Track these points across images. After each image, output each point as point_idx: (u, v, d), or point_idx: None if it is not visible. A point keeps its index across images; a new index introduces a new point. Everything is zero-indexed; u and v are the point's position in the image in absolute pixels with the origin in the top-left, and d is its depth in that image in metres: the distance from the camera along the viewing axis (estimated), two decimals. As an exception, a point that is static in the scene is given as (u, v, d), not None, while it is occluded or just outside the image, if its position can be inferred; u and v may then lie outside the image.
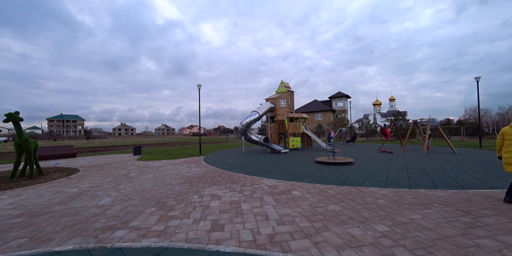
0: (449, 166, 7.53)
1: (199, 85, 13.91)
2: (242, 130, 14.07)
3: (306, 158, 10.35)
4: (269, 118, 16.01)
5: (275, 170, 7.46)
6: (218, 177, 6.47)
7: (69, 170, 8.45)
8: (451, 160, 8.97)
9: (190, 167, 8.57)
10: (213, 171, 7.64)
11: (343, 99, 46.31)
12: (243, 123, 13.84)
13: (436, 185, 4.98)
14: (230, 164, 9.09)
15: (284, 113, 15.39)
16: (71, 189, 5.39)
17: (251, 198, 4.33)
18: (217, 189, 5.07)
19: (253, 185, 5.35)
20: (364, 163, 8.55)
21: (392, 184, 5.15)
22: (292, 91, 16.94)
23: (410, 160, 9.21)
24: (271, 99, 16.02)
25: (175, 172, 7.57)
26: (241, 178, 6.25)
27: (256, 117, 13.91)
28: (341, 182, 5.41)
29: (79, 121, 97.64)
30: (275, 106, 15.52)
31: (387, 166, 7.78)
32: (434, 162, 8.42)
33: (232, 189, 5.03)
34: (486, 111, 61.16)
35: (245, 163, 9.39)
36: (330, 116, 44.16)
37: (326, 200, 4.08)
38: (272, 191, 4.80)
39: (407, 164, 8.16)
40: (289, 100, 16.26)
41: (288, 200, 4.11)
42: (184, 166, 8.87)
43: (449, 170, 6.79)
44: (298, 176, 6.29)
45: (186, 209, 3.79)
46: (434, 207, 3.54)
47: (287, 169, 7.60)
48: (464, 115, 64.54)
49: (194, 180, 6.18)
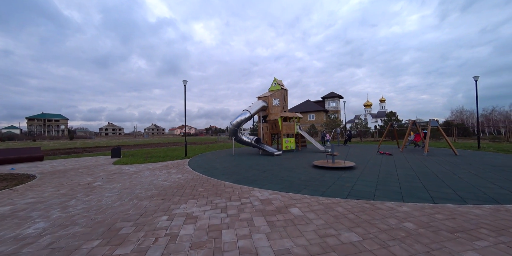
0: (460, 170, 6.77)
1: (185, 81, 12.71)
2: (232, 130, 12.98)
3: (301, 161, 9.41)
4: (261, 118, 15.00)
5: (268, 176, 6.45)
6: (199, 187, 5.37)
7: (22, 177, 7.07)
8: (458, 163, 8.29)
9: (170, 173, 7.40)
10: (196, 178, 6.53)
11: (336, 99, 46.09)
12: (233, 123, 12.76)
13: (463, 197, 4.12)
14: (216, 169, 7.99)
15: (277, 112, 14.42)
16: (2, 207, 4.13)
17: (237, 220, 3.28)
18: (195, 205, 3.98)
19: (241, 199, 4.30)
20: (367, 167, 7.70)
21: (410, 196, 4.25)
22: (285, 89, 16.01)
23: (414, 163, 8.46)
24: (263, 97, 15.01)
25: (150, 179, 6.40)
26: (228, 188, 5.18)
27: (247, 116, 12.86)
28: (349, 194, 4.46)
29: (62, 120, 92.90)
30: (267, 105, 14.52)
31: (393, 170, 6.95)
32: (441, 166, 7.68)
33: (214, 205, 3.96)
34: (471, 113, 63.26)
35: (234, 167, 8.32)
36: (323, 117, 43.77)
37: (336, 222, 3.10)
38: (264, 208, 3.77)
39: (413, 168, 7.37)
40: (282, 98, 15.31)
41: (287, 224, 3.10)
42: (164, 172, 7.68)
43: (463, 176, 6.02)
44: (296, 185, 5.30)
45: (144, 241, 2.69)
46: (485, 236, 2.63)
47: (281, 175, 6.60)
48: (451, 116, 66.55)
49: (170, 191, 5.06)
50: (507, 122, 46.97)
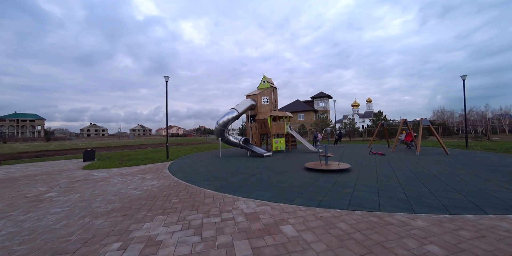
0: (459, 171, 6.38)
1: (167, 78, 11.67)
2: (219, 130, 12.12)
3: (293, 163, 8.75)
4: (249, 117, 14.24)
5: (256, 181, 5.69)
6: (174, 197, 4.52)
7: (-41, 188, 5.84)
8: (453, 163, 7.97)
9: (144, 179, 6.45)
10: (173, 185, 5.65)
11: (325, 99, 46.28)
12: (219, 122, 11.90)
13: (479, 205, 3.58)
14: (199, 173, 7.13)
15: (266, 111, 13.73)
16: None
17: (213, 247, 2.49)
18: (162, 224, 3.15)
19: (222, 213, 3.52)
20: (362, 169, 7.16)
21: (419, 204, 3.66)
22: (275, 87, 15.37)
23: (409, 163, 8.05)
24: (252, 95, 14.27)
25: (118, 188, 5.44)
26: (208, 198, 4.37)
27: (235, 115, 12.05)
28: (350, 203, 3.81)
29: (38, 121, 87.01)
30: (256, 104, 13.79)
31: (391, 172, 6.44)
32: (438, 166, 7.29)
33: (187, 224, 3.14)
34: (452, 113, 66.26)
35: (219, 170, 7.49)
36: (312, 117, 43.75)
37: (342, 247, 2.40)
38: (250, 226, 3.01)
39: (410, 169, 6.91)
40: (272, 97, 14.65)
41: (278, 252, 2.35)
42: (137, 178, 6.72)
43: (466, 177, 5.59)
44: (287, 192, 4.58)
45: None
46: (533, 264, 2.03)
47: (271, 179, 5.87)
48: (433, 116, 69.36)
49: (137, 203, 4.17)
50: (484, 122, 49.53)
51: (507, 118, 52.92)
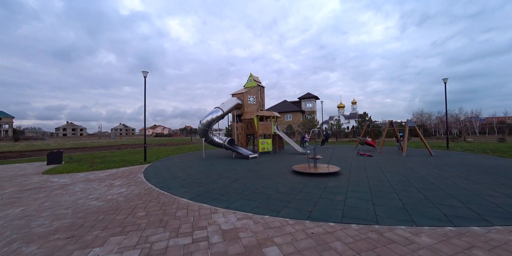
0: (448, 174, 6.23)
1: (145, 73, 10.73)
2: (202, 130, 11.38)
3: (279, 165, 8.28)
4: (235, 116, 13.64)
5: (239, 188, 5.12)
6: (141, 209, 3.83)
7: None
8: (440, 164, 7.91)
9: (111, 186, 5.64)
10: (144, 193, 4.93)
11: (312, 100, 46.69)
12: (203, 122, 11.17)
13: (480, 213, 3.28)
14: (177, 178, 6.42)
15: (253, 111, 13.20)
16: None
17: (175, 286, 1.89)
18: (115, 250, 2.48)
19: (194, 231, 2.91)
20: (352, 171, 6.83)
21: (419, 214, 3.29)
22: (262, 86, 14.89)
23: (398, 165, 7.88)
24: (238, 94, 13.67)
25: (77, 198, 4.62)
26: (181, 210, 3.73)
27: (219, 115, 11.39)
28: (343, 215, 3.35)
29: (5, 119, 79.92)
30: (242, 103, 13.21)
31: (382, 175, 6.15)
32: (426, 168, 7.16)
33: (147, 248, 2.50)
34: (429, 115, 70.06)
35: (200, 174, 6.83)
36: (299, 117, 43.91)
37: (340, 279, 1.90)
38: (227, 249, 2.44)
39: (400, 171, 6.69)
40: (259, 96, 14.15)
41: (259, 289, 1.80)
42: (105, 184, 5.88)
43: (457, 180, 5.40)
44: (273, 201, 4.06)
45: None
46: None
47: (256, 185, 5.33)
48: (412, 118, 72.88)
49: (92, 218, 3.43)
50: (458, 124, 52.70)
51: (477, 120, 56.81)
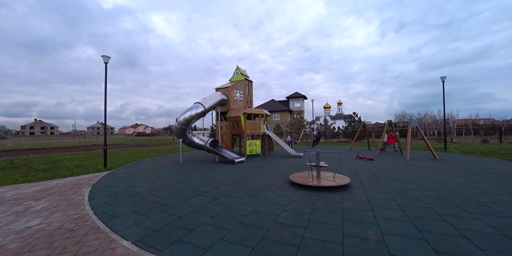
0: (484, 185, 5.05)
1: (106, 58, 8.66)
2: (179, 130, 9.53)
3: (273, 173, 6.74)
4: (219, 114, 11.91)
5: (219, 214, 3.49)
6: (31, 275, 2.08)
7: None
8: (458, 170, 6.78)
9: (22, 213, 3.76)
10: (69, 227, 3.14)
11: (300, 99, 45.87)
12: (179, 119, 9.33)
13: None
14: (134, 196, 4.64)
15: (239, 108, 11.56)
16: None
17: None
18: None
19: None
20: (363, 182, 5.46)
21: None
22: (250, 81, 13.29)
23: (411, 172, 6.65)
24: (222, 89, 11.95)
25: None
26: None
27: (200, 111, 9.60)
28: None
29: (-39, 116, 71.08)
30: (227, 99, 11.52)
31: (404, 189, 4.82)
32: (446, 176, 5.98)
33: None
34: (411, 116, 72.65)
35: (169, 189, 5.09)
36: (287, 117, 42.89)
37: None
38: None
39: (421, 181, 5.42)
40: (246, 91, 12.54)
41: None
42: (14, 210, 3.96)
43: (505, 196, 4.19)
44: (274, 245, 2.49)
45: None
46: None
47: (244, 208, 3.73)
48: (395, 119, 75.29)
49: None
50: (437, 125, 54.82)
51: (451, 122, 59.78)
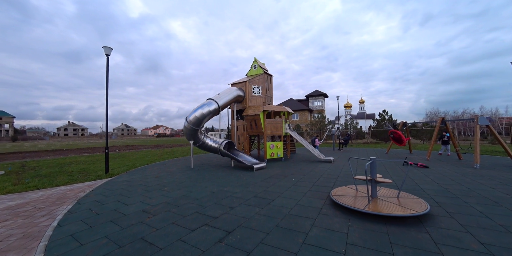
0: None
1: (108, 49, 7.73)
2: (189, 130, 8.29)
3: (303, 186, 5.15)
4: (234, 112, 10.55)
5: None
6: None
7: None
8: None
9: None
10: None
11: (321, 98, 43.27)
12: (189, 118, 8.09)
13: None
14: (118, 223, 3.37)
15: (258, 105, 10.10)
16: None
17: None
18: None
19: None
20: (448, 207, 3.66)
21: None
22: (270, 74, 11.77)
23: (501, 188, 4.66)
24: (238, 84, 10.58)
25: None
26: None
27: (213, 109, 8.28)
28: None
29: (5, 118, 78.54)
30: (244, 95, 10.12)
31: None
32: None
33: None
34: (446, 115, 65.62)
35: (167, 209, 3.76)
36: (307, 116, 40.62)
37: None
38: None
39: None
40: (266, 86, 11.04)
41: None
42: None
43: None
44: None
45: None
46: None
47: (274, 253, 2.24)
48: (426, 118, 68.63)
49: None
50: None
51: (503, 119, 52.52)
